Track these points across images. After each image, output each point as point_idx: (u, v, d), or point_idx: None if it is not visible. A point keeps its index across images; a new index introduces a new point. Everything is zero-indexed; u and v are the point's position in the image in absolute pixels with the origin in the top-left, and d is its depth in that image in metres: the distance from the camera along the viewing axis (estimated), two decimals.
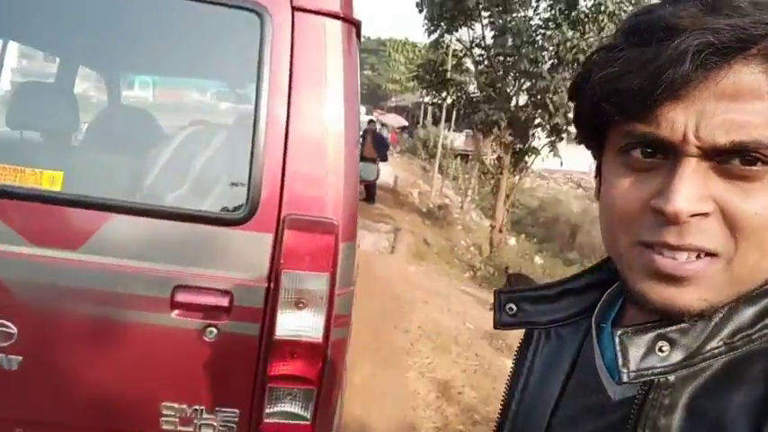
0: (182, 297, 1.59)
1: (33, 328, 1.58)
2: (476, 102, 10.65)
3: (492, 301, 0.75)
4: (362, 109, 34.58)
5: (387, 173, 16.52)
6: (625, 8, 9.17)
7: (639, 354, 0.53)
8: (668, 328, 0.53)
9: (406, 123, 33.86)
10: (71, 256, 1.57)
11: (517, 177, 11.73)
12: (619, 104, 0.51)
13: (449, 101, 11.35)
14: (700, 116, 0.48)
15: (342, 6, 1.66)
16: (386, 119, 29.06)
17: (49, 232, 1.57)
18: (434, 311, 6.45)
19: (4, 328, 1.56)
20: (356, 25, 1.75)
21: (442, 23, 10.14)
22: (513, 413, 0.73)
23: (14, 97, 2.12)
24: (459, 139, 27.32)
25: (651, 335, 0.53)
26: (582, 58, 8.85)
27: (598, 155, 0.60)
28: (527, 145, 10.71)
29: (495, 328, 0.73)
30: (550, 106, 9.13)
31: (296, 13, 1.62)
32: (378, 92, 47.91)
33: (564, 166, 10.57)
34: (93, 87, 3.21)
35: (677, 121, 0.49)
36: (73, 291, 1.59)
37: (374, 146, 12.86)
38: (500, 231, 11.97)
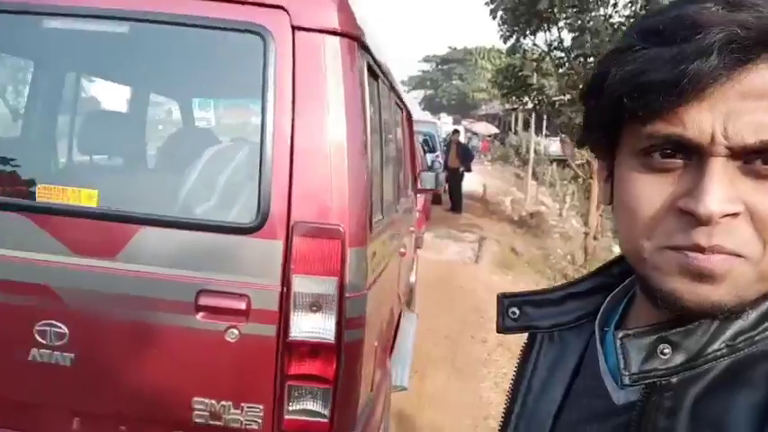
0: (204, 301, 1.73)
1: (81, 328, 1.78)
2: (558, 105, 10.37)
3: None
4: (449, 119, 34.43)
5: (476, 182, 16.42)
6: None
7: (641, 356, 0.53)
8: (670, 331, 0.53)
9: (497, 131, 33.45)
10: (108, 264, 1.76)
11: None
12: (642, 100, 0.49)
13: (529, 106, 11.14)
14: (727, 116, 0.47)
15: (340, 23, 1.76)
16: (476, 127, 28.86)
17: (89, 243, 1.77)
18: None
19: (57, 329, 1.77)
20: (357, 39, 1.83)
21: (516, 28, 10.00)
22: (517, 417, 0.72)
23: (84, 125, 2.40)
24: (554, 145, 26.59)
25: (652, 338, 0.54)
26: None
27: (610, 159, 0.59)
28: None
29: (497, 332, 0.74)
30: None
31: (296, 33, 1.73)
32: (467, 101, 47.73)
33: None
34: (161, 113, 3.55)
35: (704, 121, 0.48)
36: (111, 296, 1.77)
37: (458, 155, 12.88)
38: (594, 238, 11.50)
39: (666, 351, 0.53)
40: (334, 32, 1.75)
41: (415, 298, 5.46)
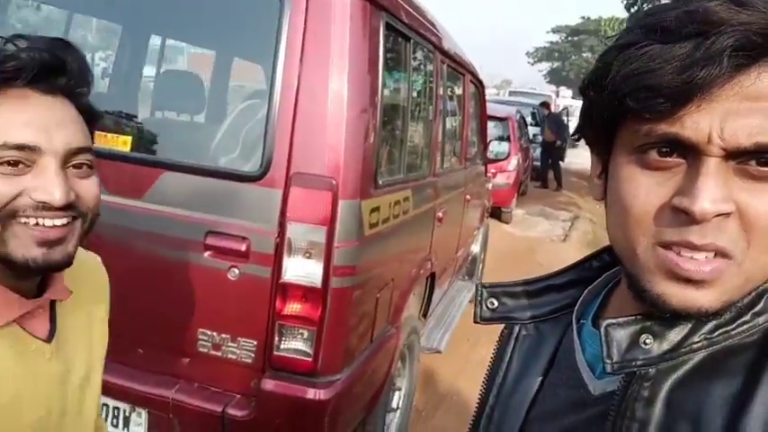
0: (212, 241, 1.90)
1: (112, 259, 2.01)
2: None
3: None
4: (568, 92, 32.85)
5: (586, 158, 15.62)
6: None
7: (624, 345, 0.55)
8: (652, 322, 0.55)
9: None
10: (137, 203, 1.97)
11: None
12: (646, 101, 0.49)
13: None
14: (724, 117, 0.48)
15: None
16: None
17: (122, 184, 1.99)
18: None
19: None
20: (374, 2, 1.88)
21: None
22: (491, 407, 0.73)
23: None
24: None
25: (635, 327, 0.56)
26: None
27: (605, 154, 0.59)
28: None
29: (474, 322, 0.74)
30: None
31: None
32: None
33: None
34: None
35: (702, 121, 0.48)
36: (139, 231, 1.99)
37: (550, 128, 12.29)
38: None
39: (648, 341, 0.55)
40: None
41: (479, 269, 5.43)
